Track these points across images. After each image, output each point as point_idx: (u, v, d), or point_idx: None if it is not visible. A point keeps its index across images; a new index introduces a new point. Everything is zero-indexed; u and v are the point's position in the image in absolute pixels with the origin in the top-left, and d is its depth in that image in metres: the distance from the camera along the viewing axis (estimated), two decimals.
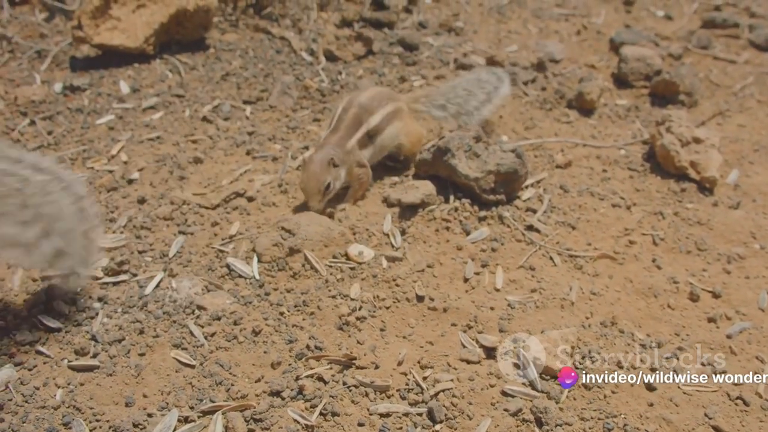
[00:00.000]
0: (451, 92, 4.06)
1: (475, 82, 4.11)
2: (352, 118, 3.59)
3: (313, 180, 3.37)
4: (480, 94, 4.06)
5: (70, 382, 2.58)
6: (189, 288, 3.00)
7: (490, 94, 4.08)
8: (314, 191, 3.39)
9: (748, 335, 2.96)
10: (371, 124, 3.63)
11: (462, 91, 4.06)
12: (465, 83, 4.11)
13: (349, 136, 3.56)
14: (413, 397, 2.54)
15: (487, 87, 4.09)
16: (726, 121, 4.59)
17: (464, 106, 4.03)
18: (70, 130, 4.17)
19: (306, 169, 3.40)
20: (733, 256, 3.37)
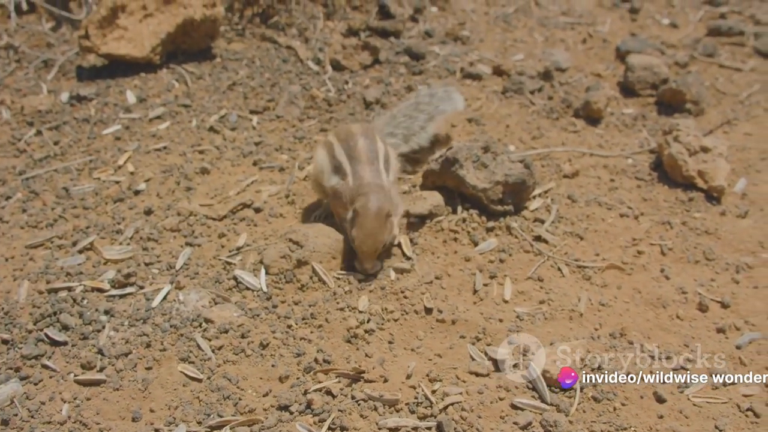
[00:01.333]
0: (392, 121, 4.01)
1: (413, 106, 4.07)
2: (365, 149, 3.35)
3: (370, 239, 3.06)
4: (421, 116, 4.03)
5: (76, 397, 2.58)
6: (196, 300, 3.00)
7: (431, 113, 4.05)
8: (371, 252, 3.09)
9: (758, 345, 2.94)
10: (383, 150, 3.43)
11: (402, 117, 4.03)
12: (404, 109, 4.07)
13: (378, 170, 3.32)
14: (422, 410, 2.53)
15: (427, 108, 4.05)
16: (733, 129, 4.58)
17: (410, 128, 4.00)
18: (76, 140, 4.17)
19: (360, 224, 3.06)
20: (741, 266, 3.35)
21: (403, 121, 3.99)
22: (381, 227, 3.06)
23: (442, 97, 4.11)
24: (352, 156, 3.31)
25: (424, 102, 4.07)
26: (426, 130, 4.02)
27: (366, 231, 3.05)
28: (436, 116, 4.05)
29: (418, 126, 4.00)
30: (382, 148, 3.40)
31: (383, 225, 3.07)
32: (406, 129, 3.98)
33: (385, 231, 3.08)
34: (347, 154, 3.33)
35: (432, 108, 4.05)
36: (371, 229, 3.05)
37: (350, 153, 3.33)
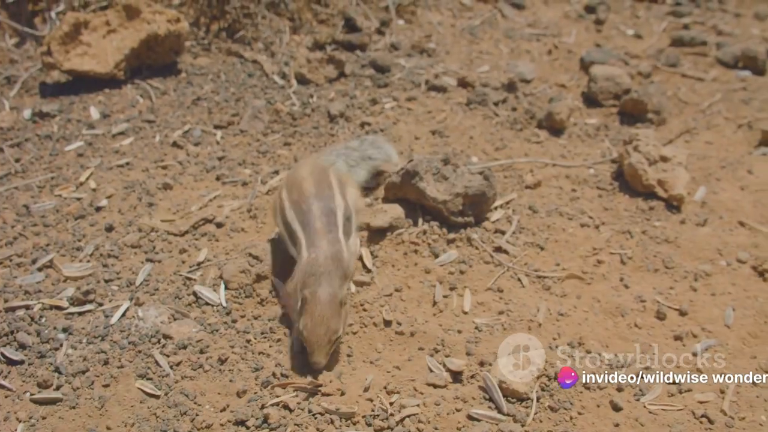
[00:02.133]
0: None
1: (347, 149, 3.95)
2: (321, 214, 3.03)
3: (321, 330, 2.69)
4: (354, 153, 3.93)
5: (32, 416, 2.56)
6: (155, 317, 2.99)
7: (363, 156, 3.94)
8: (323, 344, 2.71)
9: (714, 352, 2.97)
10: (342, 208, 3.13)
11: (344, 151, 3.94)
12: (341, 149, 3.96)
13: (336, 239, 2.97)
14: (379, 423, 2.53)
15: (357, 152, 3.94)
16: (693, 138, 4.63)
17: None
18: (38, 157, 4.15)
19: (309, 312, 2.71)
20: (699, 274, 3.39)
21: (345, 153, 3.89)
22: (334, 317, 2.72)
23: (372, 142, 4.02)
24: (306, 224, 3.01)
25: (352, 146, 3.95)
26: (361, 167, 3.91)
27: (315, 322, 2.69)
28: (367, 161, 3.94)
29: (353, 161, 3.89)
30: (340, 204, 3.11)
31: (336, 314, 2.73)
32: (344, 163, 3.83)
33: (338, 321, 2.73)
34: (300, 221, 3.03)
35: (363, 151, 3.95)
36: (321, 319, 2.69)
37: (303, 220, 3.03)
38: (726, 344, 3.02)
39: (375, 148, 3.97)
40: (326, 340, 2.69)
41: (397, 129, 4.45)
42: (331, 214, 3.03)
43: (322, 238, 2.94)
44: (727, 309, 3.20)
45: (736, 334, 3.08)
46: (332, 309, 2.72)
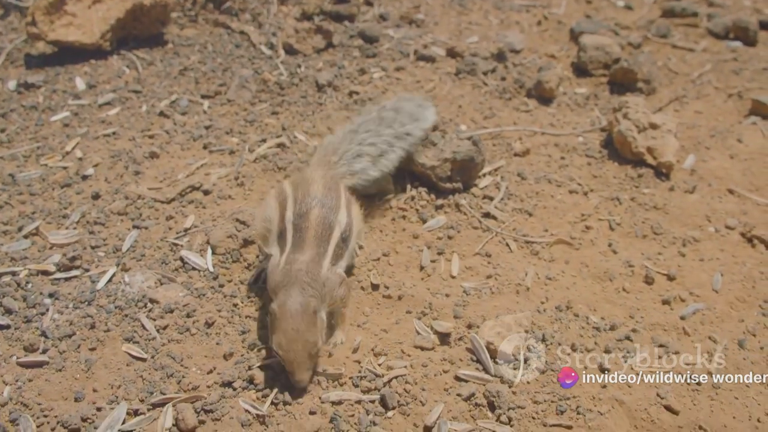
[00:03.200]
0: (354, 137, 3.45)
1: (375, 120, 3.55)
2: (318, 223, 2.78)
3: (298, 345, 2.44)
4: (386, 131, 3.50)
5: (18, 379, 2.55)
6: (142, 282, 2.97)
7: (398, 133, 3.52)
8: (303, 360, 2.45)
9: (702, 316, 2.98)
10: (343, 225, 2.85)
11: (365, 133, 3.47)
12: (366, 124, 3.52)
13: (321, 255, 2.72)
14: (366, 384, 2.53)
15: (392, 125, 3.53)
16: (683, 107, 4.61)
17: (377, 146, 3.45)
18: (23, 127, 4.12)
19: (281, 328, 2.46)
20: (688, 240, 3.39)
21: (366, 137, 3.44)
22: (309, 329, 2.46)
23: (410, 113, 3.60)
24: (299, 228, 2.77)
25: (388, 117, 3.55)
26: (394, 150, 3.47)
27: (289, 336, 2.44)
28: (404, 139, 3.52)
29: (384, 143, 3.45)
30: (342, 221, 2.85)
31: (312, 325, 2.48)
32: (372, 147, 3.42)
33: (314, 332, 2.47)
34: (295, 223, 2.79)
35: (398, 126, 3.52)
36: (295, 334, 2.44)
37: (299, 223, 2.78)
38: (714, 308, 3.02)
39: (413, 120, 3.57)
40: (305, 355, 2.44)
41: (386, 98, 4.41)
42: (329, 228, 2.78)
43: (308, 250, 2.70)
44: (715, 274, 3.20)
45: (724, 299, 3.09)
46: (306, 320, 2.46)
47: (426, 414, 2.44)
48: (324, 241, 2.74)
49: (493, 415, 2.46)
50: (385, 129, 3.47)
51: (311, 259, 2.66)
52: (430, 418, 2.42)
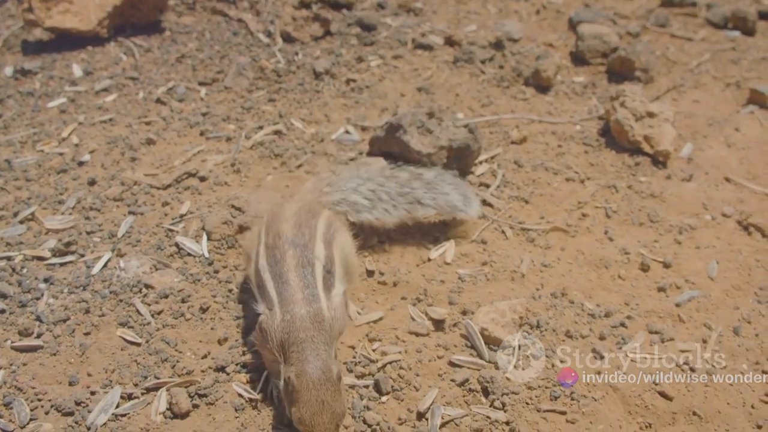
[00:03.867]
0: (366, 184, 3.19)
1: (395, 180, 3.26)
2: (297, 265, 2.52)
3: (325, 417, 2.17)
4: (417, 191, 3.24)
5: (12, 363, 2.55)
6: (137, 267, 2.97)
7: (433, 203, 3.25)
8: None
9: (697, 303, 2.98)
10: (322, 258, 2.59)
11: (382, 184, 3.22)
12: (384, 180, 3.24)
13: (315, 297, 2.46)
14: (360, 369, 2.54)
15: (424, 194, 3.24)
16: (681, 96, 4.60)
17: (404, 194, 3.21)
18: (20, 113, 4.11)
19: (302, 400, 2.18)
20: (684, 227, 3.39)
21: (375, 186, 3.19)
22: (334, 397, 2.20)
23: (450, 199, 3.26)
24: (279, 274, 2.50)
25: (416, 188, 3.23)
26: (398, 209, 3.17)
27: (313, 409, 2.17)
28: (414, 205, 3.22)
29: (413, 197, 3.21)
30: (320, 255, 2.59)
31: (336, 393, 2.21)
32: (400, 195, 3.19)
33: (340, 400, 2.21)
34: (272, 271, 2.52)
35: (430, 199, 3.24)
36: (321, 405, 2.17)
37: (276, 270, 2.52)
38: (709, 296, 3.02)
39: (435, 193, 3.25)
40: (333, 427, 2.18)
41: (383, 86, 4.42)
42: (308, 265, 2.53)
43: (296, 294, 2.45)
44: (711, 262, 3.20)
45: (720, 286, 3.08)
46: (330, 388, 2.20)
47: (420, 399, 2.45)
48: (310, 280, 2.49)
49: (487, 400, 2.47)
50: (389, 183, 3.22)
51: (305, 305, 2.40)
52: (424, 404, 2.42)
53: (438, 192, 3.25)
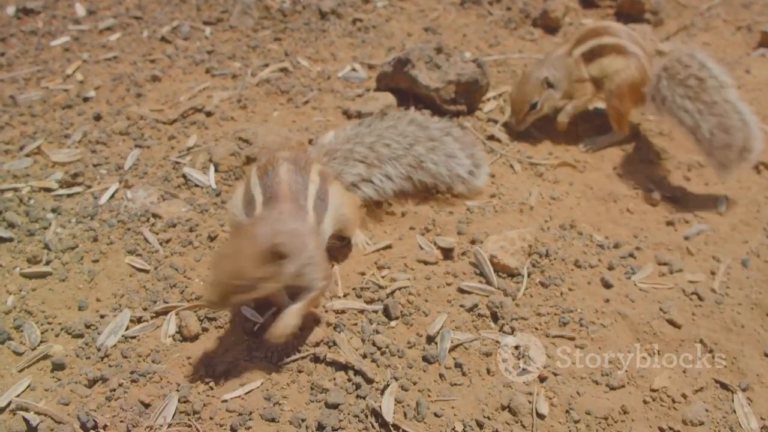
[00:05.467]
0: (362, 140, 2.97)
1: (401, 134, 3.04)
2: (291, 180, 2.40)
3: (226, 276, 2.08)
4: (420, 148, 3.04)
5: (21, 289, 2.56)
6: (144, 197, 2.96)
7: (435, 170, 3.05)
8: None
9: (706, 237, 2.97)
10: (317, 184, 2.48)
11: (388, 139, 3.00)
12: (387, 134, 3.02)
13: (305, 209, 2.36)
14: (369, 295, 2.54)
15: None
16: (691, 39, 4.55)
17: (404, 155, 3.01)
18: (23, 51, 4.08)
19: (218, 261, 2.20)
20: (693, 165, 3.37)
21: (391, 143, 2.99)
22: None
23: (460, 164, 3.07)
24: (271, 192, 2.37)
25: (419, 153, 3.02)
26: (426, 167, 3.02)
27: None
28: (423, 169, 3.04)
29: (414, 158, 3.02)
30: (314, 180, 2.48)
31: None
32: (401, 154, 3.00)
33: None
34: (264, 190, 2.40)
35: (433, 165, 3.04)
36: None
37: (268, 188, 2.39)
38: (718, 230, 3.02)
39: (448, 159, 3.05)
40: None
41: (390, 26, 4.38)
42: (302, 185, 2.42)
43: (284, 203, 2.33)
44: (720, 198, 3.19)
45: (728, 221, 3.08)
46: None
47: (429, 324, 2.45)
48: (302, 196, 2.39)
49: (496, 325, 2.47)
50: (402, 155, 3.00)
51: (294, 211, 2.32)
52: (433, 328, 2.42)
53: (442, 153, 3.05)
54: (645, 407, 2.25)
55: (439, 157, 3.03)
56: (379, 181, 2.95)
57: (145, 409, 2.16)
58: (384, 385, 2.23)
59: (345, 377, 2.28)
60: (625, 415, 2.22)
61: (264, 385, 2.24)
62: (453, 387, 2.27)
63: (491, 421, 2.17)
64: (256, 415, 2.15)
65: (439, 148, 3.05)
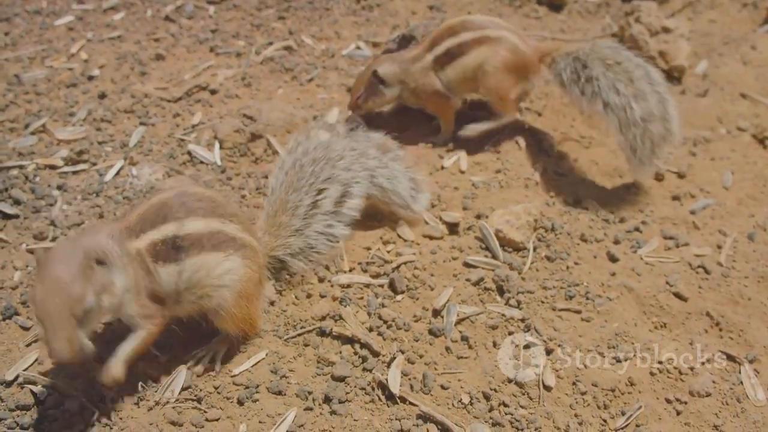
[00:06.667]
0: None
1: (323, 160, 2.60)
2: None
3: (54, 298, 1.79)
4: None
5: (28, 265, 2.56)
6: (149, 174, 2.97)
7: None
8: (61, 322, 1.78)
9: (712, 211, 2.96)
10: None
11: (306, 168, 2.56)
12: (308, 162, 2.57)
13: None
14: (375, 269, 2.54)
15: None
16: (697, 16, 4.53)
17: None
18: (27, 30, 4.07)
19: (41, 277, 1.84)
20: (699, 140, 3.36)
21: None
22: (75, 279, 1.81)
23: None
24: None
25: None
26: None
27: (45, 288, 1.80)
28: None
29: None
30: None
31: (80, 276, 1.82)
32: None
33: (82, 285, 1.81)
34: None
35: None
36: (53, 284, 1.79)
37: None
38: (724, 204, 3.01)
39: (392, 179, 2.76)
40: (64, 315, 1.79)
41: (394, 4, 4.36)
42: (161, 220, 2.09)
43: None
44: (725, 173, 3.18)
45: (734, 196, 3.07)
46: (71, 270, 1.82)
47: (435, 298, 2.45)
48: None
49: (502, 298, 2.47)
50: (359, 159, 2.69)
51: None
52: (440, 301, 2.42)
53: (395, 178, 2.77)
54: (652, 379, 2.26)
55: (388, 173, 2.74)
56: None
57: (153, 383, 2.17)
58: (390, 358, 2.24)
59: (351, 350, 2.29)
60: (632, 386, 2.22)
61: (270, 358, 2.25)
62: (459, 360, 2.28)
63: (498, 393, 2.17)
64: (263, 388, 2.16)
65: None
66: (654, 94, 2.91)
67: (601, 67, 2.94)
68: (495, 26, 3.18)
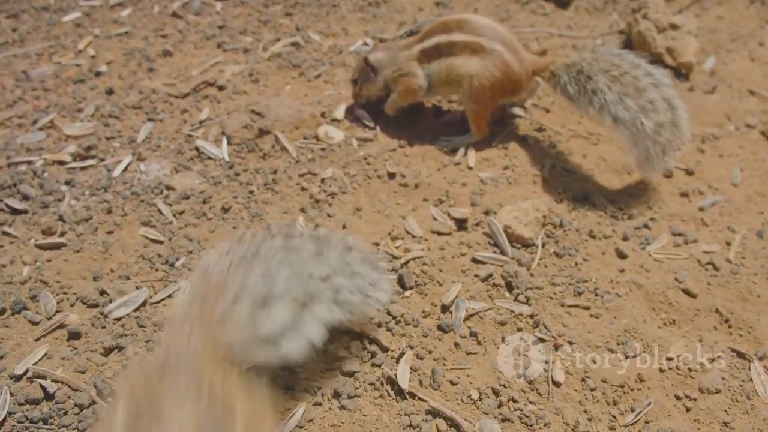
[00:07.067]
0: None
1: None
2: None
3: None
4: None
5: (36, 260, 2.56)
6: (157, 170, 2.97)
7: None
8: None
9: (720, 208, 2.96)
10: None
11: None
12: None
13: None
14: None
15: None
16: (704, 13, 4.52)
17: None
18: (35, 27, 4.07)
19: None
20: (707, 136, 3.35)
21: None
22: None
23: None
24: None
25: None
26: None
27: None
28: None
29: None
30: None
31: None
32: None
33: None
34: None
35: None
36: None
37: None
38: (733, 201, 3.00)
39: (357, 288, 2.13)
40: None
41: (401, 1, 4.36)
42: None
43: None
44: (734, 169, 3.17)
45: (743, 193, 3.06)
46: None
47: (444, 293, 2.45)
48: None
49: (511, 295, 2.47)
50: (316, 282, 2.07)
51: None
52: (448, 297, 2.42)
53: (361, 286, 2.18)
54: (661, 375, 2.25)
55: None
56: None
57: None
58: (399, 354, 2.24)
59: (360, 346, 2.29)
60: (641, 383, 2.22)
61: None
62: (468, 355, 2.28)
63: (507, 389, 2.17)
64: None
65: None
66: (662, 101, 2.88)
67: (605, 80, 2.90)
68: (491, 34, 3.10)
